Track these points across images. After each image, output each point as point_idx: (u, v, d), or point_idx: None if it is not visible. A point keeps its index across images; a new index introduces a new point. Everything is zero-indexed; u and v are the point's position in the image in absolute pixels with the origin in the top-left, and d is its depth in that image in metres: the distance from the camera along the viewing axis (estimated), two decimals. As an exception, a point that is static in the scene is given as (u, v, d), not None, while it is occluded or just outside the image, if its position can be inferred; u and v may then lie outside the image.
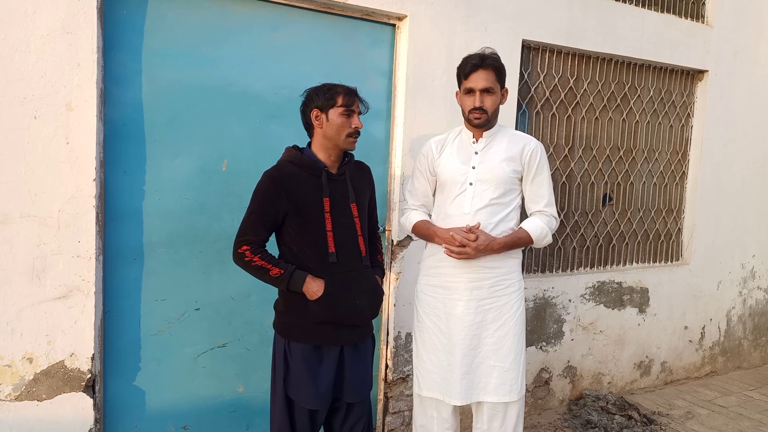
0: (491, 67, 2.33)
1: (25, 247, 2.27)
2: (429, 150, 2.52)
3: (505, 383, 2.36)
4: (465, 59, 2.37)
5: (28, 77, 2.23)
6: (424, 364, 2.46)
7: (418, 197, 2.57)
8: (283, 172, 2.18)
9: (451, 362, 2.37)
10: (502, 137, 2.44)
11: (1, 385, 2.27)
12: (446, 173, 2.43)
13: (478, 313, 2.36)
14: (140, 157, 2.54)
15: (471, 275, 2.36)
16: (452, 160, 2.44)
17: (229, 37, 2.68)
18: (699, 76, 4.25)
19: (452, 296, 2.39)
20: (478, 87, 2.33)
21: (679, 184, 4.31)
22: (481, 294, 2.36)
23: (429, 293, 2.47)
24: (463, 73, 2.36)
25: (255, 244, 2.17)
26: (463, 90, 2.39)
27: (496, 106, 2.39)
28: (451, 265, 2.37)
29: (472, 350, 2.37)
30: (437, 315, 2.43)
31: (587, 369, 3.88)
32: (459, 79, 2.42)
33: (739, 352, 4.72)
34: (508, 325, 2.37)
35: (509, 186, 2.39)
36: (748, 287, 4.68)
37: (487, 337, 2.37)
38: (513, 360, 2.37)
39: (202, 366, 2.75)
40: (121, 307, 2.55)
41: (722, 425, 3.62)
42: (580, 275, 3.81)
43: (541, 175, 2.44)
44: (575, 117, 3.75)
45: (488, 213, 2.36)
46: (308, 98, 2.22)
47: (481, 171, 2.38)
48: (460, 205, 2.38)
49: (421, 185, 2.55)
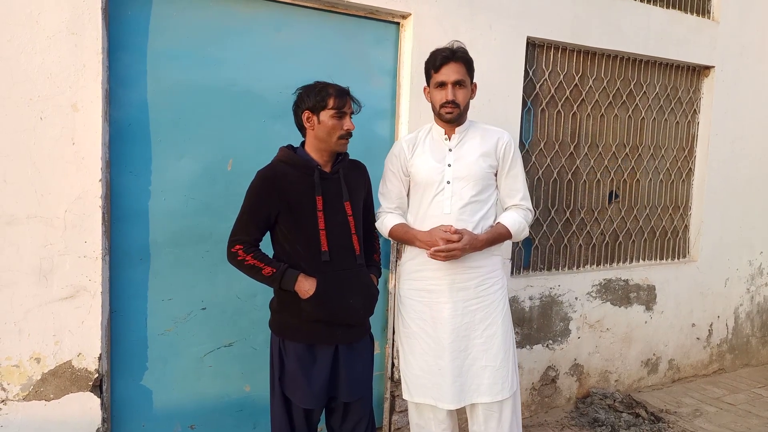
0: (462, 60, 2.29)
1: (32, 247, 2.28)
2: (400, 150, 2.44)
3: (497, 382, 2.34)
4: (434, 53, 2.32)
5: (33, 78, 2.24)
6: (412, 370, 2.42)
7: (392, 200, 2.47)
8: (275, 172, 2.18)
9: (441, 366, 2.34)
10: (474, 132, 2.41)
11: (9, 385, 2.29)
12: (421, 173, 2.37)
13: (465, 314, 2.33)
14: (146, 157, 2.54)
15: (455, 276, 2.33)
16: (426, 159, 2.38)
17: (234, 38, 2.68)
18: (705, 73, 4.23)
19: (438, 299, 2.35)
20: (450, 80, 2.28)
21: (685, 181, 4.29)
22: (468, 295, 2.34)
23: (414, 297, 2.42)
24: (434, 66, 2.30)
25: (247, 243, 2.18)
26: (434, 84, 2.33)
27: (467, 100, 2.35)
28: (435, 267, 2.33)
29: (462, 352, 2.34)
30: (423, 319, 2.38)
31: (594, 367, 3.86)
32: (428, 74, 2.36)
33: (747, 349, 4.69)
34: (496, 323, 2.36)
35: (486, 182, 2.36)
36: (755, 284, 4.65)
37: (476, 338, 2.34)
38: (503, 358, 2.35)
39: (209, 365, 2.75)
40: (128, 307, 2.56)
41: (730, 423, 3.60)
42: (586, 273, 3.79)
43: (516, 168, 2.41)
44: (580, 114, 3.74)
45: (469, 211, 2.32)
46: (300, 99, 2.21)
47: (457, 168, 2.33)
48: (440, 205, 2.33)
49: (394, 187, 2.46)
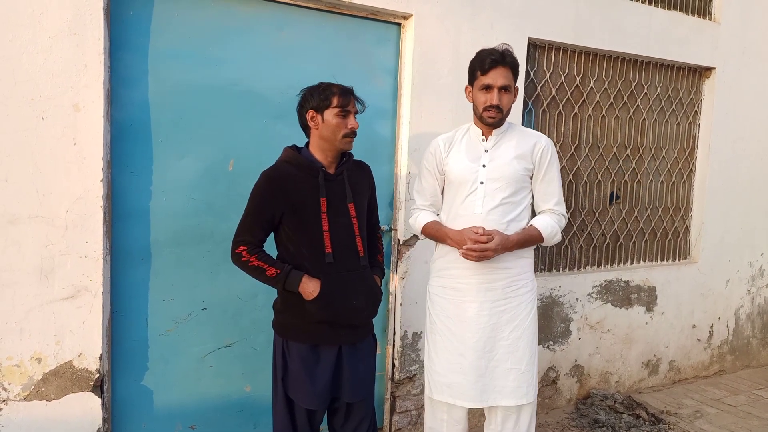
0: (510, 65, 2.27)
1: (34, 247, 2.28)
2: (437, 148, 2.45)
3: (522, 386, 2.33)
4: (483, 54, 2.27)
5: (35, 78, 2.24)
6: (434, 367, 2.42)
7: (426, 197, 2.49)
8: (279, 173, 2.19)
9: (463, 365, 2.33)
10: (512, 134, 2.39)
11: (11, 384, 2.29)
12: (455, 172, 2.37)
13: (492, 315, 2.32)
14: (147, 157, 2.54)
15: (484, 276, 2.32)
16: (461, 159, 2.38)
17: (235, 38, 2.68)
18: (706, 74, 4.23)
19: (464, 298, 2.35)
20: (497, 84, 2.25)
21: (686, 182, 4.29)
22: (495, 295, 2.33)
23: (441, 294, 2.42)
24: (481, 68, 2.26)
25: (251, 244, 2.18)
26: (479, 86, 2.29)
27: (510, 105, 2.33)
28: (463, 266, 2.33)
29: (487, 353, 2.32)
30: (448, 317, 2.38)
31: (595, 368, 3.86)
32: (473, 74, 2.32)
33: (748, 350, 4.69)
34: (522, 326, 2.34)
35: (520, 184, 2.34)
36: (756, 285, 4.65)
37: (502, 339, 2.33)
38: (528, 362, 2.34)
39: (210, 366, 2.75)
40: (129, 307, 2.56)
41: (731, 424, 3.60)
42: (587, 274, 3.79)
43: (552, 173, 2.39)
44: (582, 115, 3.74)
45: (500, 212, 2.31)
46: (304, 99, 2.22)
47: (491, 169, 2.32)
48: (472, 205, 2.33)
49: (429, 185, 2.47)
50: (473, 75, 2.32)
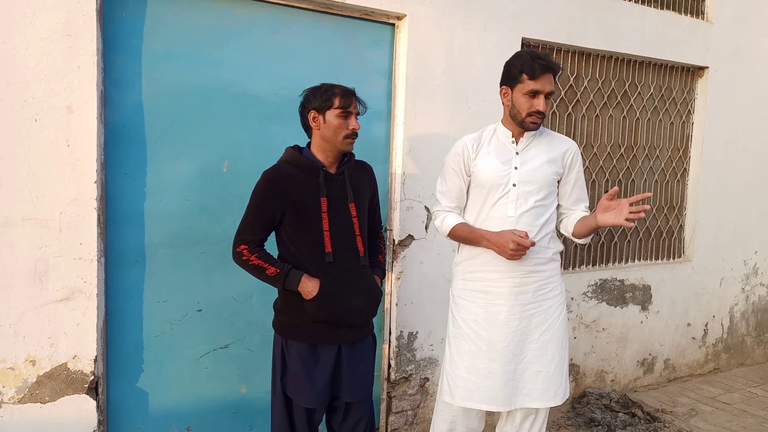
0: (554, 72, 2.24)
1: (27, 249, 2.28)
2: (465, 148, 2.36)
3: (550, 388, 2.33)
4: (529, 57, 2.21)
5: (28, 80, 2.23)
6: (458, 372, 2.36)
7: (452, 198, 2.41)
8: (280, 173, 2.19)
9: (491, 369, 2.30)
10: (541, 137, 2.37)
11: (5, 387, 2.28)
12: (486, 174, 2.31)
13: (522, 319, 2.31)
14: (141, 159, 2.54)
15: (515, 280, 2.30)
16: (491, 160, 2.32)
17: (229, 39, 2.68)
18: (699, 73, 4.25)
19: (495, 301, 2.31)
20: (546, 90, 2.21)
21: (680, 181, 4.31)
22: (526, 299, 2.31)
23: (468, 298, 2.38)
24: (531, 73, 2.19)
25: (252, 243, 2.20)
26: (525, 90, 2.22)
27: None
28: (496, 269, 2.30)
29: (516, 356, 2.31)
30: (476, 321, 2.34)
31: (590, 367, 3.87)
32: (515, 77, 2.24)
33: (743, 348, 4.71)
34: (552, 329, 2.34)
35: (551, 188, 2.33)
36: (750, 284, 4.67)
37: (532, 342, 2.32)
38: (557, 364, 2.34)
39: (205, 367, 2.75)
40: (124, 309, 2.56)
41: (726, 422, 3.61)
42: (582, 273, 3.80)
43: (582, 178, 2.42)
44: (575, 115, 3.75)
45: (532, 215, 2.29)
46: (306, 99, 2.23)
47: (524, 172, 2.29)
48: (504, 208, 2.29)
49: (455, 185, 2.39)
50: (516, 78, 2.25)
